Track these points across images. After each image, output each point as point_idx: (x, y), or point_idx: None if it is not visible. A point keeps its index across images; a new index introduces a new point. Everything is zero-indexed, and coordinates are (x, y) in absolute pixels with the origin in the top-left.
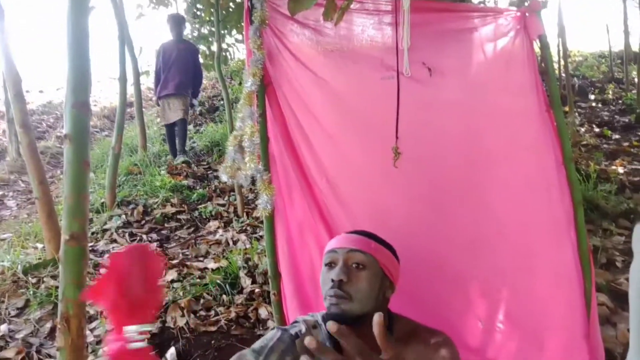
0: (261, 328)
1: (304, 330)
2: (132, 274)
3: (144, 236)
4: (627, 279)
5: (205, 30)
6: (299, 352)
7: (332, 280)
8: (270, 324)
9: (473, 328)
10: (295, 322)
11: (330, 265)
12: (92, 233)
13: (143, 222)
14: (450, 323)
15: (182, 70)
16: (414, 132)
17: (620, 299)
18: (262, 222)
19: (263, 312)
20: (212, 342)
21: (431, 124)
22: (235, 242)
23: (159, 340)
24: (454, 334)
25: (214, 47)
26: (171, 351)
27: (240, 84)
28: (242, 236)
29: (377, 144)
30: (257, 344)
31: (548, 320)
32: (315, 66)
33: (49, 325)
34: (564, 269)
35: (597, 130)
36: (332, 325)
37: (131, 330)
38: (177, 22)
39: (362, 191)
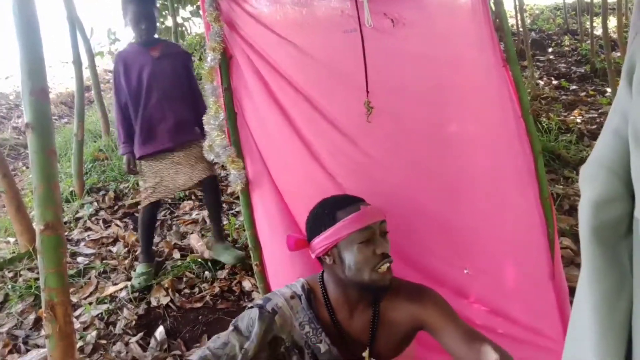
0: (246, 300)
1: (280, 303)
2: None
3: (118, 222)
4: None
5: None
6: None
7: (383, 254)
8: (255, 295)
9: (456, 274)
10: (271, 295)
11: (367, 241)
12: (65, 222)
13: (115, 207)
14: (434, 270)
15: (173, 96)
16: (383, 84)
17: None
18: (237, 198)
19: (247, 284)
20: (200, 317)
21: (399, 75)
22: None
23: (146, 321)
24: (438, 280)
25: (168, 22)
26: (160, 330)
27: (200, 59)
28: None
29: (348, 98)
30: (241, 324)
31: (516, 262)
32: (277, 27)
33: (32, 316)
34: (527, 215)
35: (555, 82)
36: None
37: None
38: (141, 6)
39: (342, 146)
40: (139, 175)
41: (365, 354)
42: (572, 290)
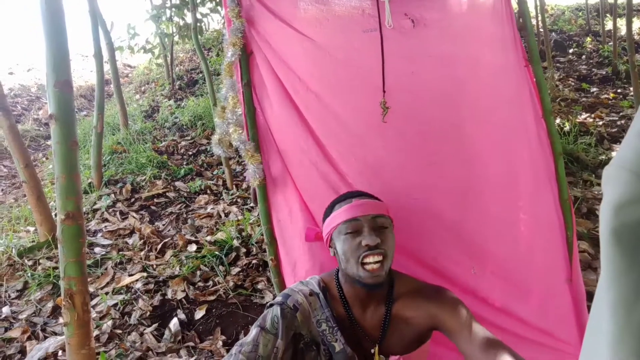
0: (258, 295)
1: (300, 300)
2: None
3: (135, 214)
4: None
5: (177, 1)
6: None
7: (368, 245)
8: (267, 291)
9: (466, 274)
10: (289, 292)
11: (355, 232)
12: (83, 213)
13: (132, 199)
14: (444, 269)
15: None
16: (400, 85)
17: None
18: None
19: (259, 279)
20: (213, 310)
21: (416, 75)
22: (227, 215)
23: (161, 312)
24: (447, 279)
25: (188, 19)
26: (174, 321)
27: (217, 55)
28: (234, 208)
29: (364, 98)
30: (266, 324)
31: (532, 265)
32: (296, 23)
33: (50, 304)
34: (546, 218)
35: (572, 82)
36: None
37: None
38: None
39: (351, 147)
40: None
41: (375, 350)
42: (588, 295)
